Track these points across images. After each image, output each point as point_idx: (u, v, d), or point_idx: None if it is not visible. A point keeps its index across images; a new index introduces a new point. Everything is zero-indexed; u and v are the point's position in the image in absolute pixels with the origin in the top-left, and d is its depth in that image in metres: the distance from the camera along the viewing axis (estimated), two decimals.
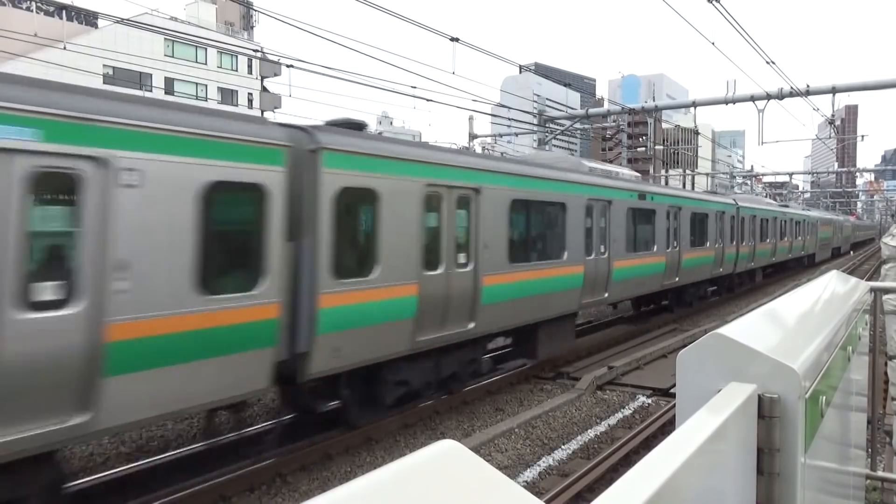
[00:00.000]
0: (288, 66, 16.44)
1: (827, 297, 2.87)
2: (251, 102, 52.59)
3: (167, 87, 45.26)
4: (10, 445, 4.91)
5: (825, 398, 1.79)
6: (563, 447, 8.80)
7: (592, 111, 24.76)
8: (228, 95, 50.64)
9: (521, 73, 23.64)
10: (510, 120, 28.33)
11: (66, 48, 24.63)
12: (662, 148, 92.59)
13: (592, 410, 10.52)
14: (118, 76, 40.72)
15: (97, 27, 44.06)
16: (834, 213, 66.82)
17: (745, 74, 20.10)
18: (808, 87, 19.81)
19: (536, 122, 27.30)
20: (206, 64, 49.98)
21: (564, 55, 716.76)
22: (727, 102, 21.12)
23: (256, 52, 34.67)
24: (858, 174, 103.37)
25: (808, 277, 25.28)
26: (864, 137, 41.58)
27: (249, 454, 7.79)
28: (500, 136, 32.29)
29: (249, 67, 53.12)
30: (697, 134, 47.15)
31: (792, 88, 19.46)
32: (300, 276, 7.32)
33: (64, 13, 36.39)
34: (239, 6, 51.09)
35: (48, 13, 39.07)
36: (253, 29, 59.16)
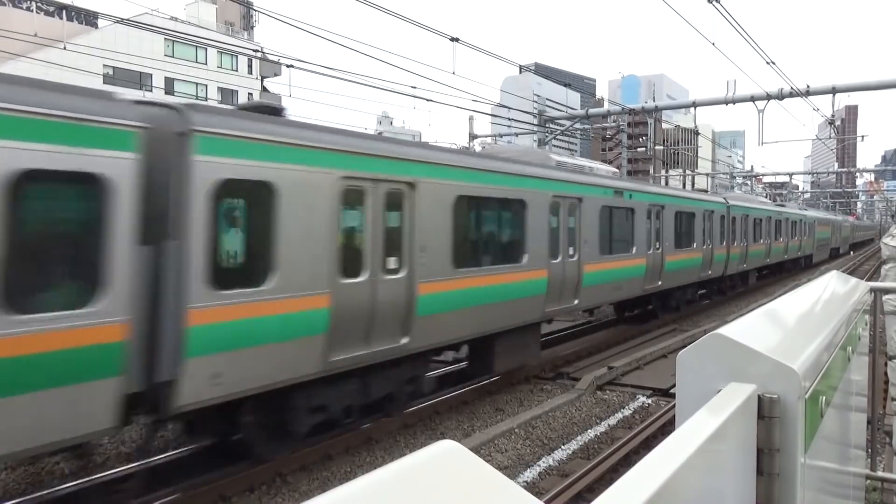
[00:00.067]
0: (288, 66, 16.46)
1: (827, 297, 2.87)
2: None
3: (167, 87, 45.33)
4: None
5: (825, 398, 1.79)
6: (563, 447, 8.80)
7: (592, 111, 24.78)
8: (228, 95, 50.69)
9: (521, 73, 23.65)
10: (510, 120, 28.37)
11: (66, 48, 24.65)
12: (662, 148, 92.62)
13: (592, 410, 10.52)
14: (118, 76, 40.76)
15: (97, 27, 44.12)
16: (832, 213, 66.54)
17: (745, 75, 20.12)
18: (808, 87, 19.83)
19: (536, 122, 27.31)
20: (206, 64, 50.05)
21: (564, 55, 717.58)
22: (727, 103, 21.15)
23: (256, 52, 34.69)
24: (858, 174, 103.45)
25: (807, 278, 25.23)
26: (864, 138, 41.72)
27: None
28: (500, 136, 32.30)
29: (249, 67, 53.21)
30: (697, 134, 47.18)
31: (792, 89, 19.48)
32: (163, 288, 6.03)
33: (64, 13, 36.40)
34: (239, 6, 51.12)
35: (48, 13, 39.09)
36: (253, 29, 59.21)
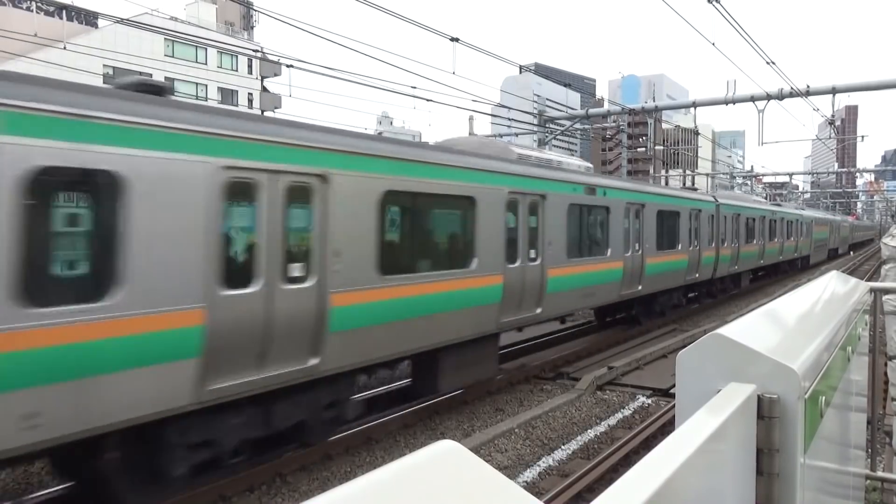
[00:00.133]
0: (288, 66, 16.47)
1: (827, 297, 2.88)
2: (251, 102, 52.69)
3: None
4: None
5: (825, 398, 1.79)
6: (562, 447, 8.80)
7: (592, 111, 24.77)
8: (228, 95, 50.72)
9: (521, 73, 23.65)
10: (510, 120, 28.38)
11: (66, 48, 24.66)
12: (662, 148, 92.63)
13: (592, 411, 10.52)
14: (118, 76, 40.72)
15: (97, 27, 44.15)
16: (831, 212, 65.64)
17: (745, 75, 20.11)
18: (808, 87, 19.82)
19: (536, 122, 27.31)
20: (206, 64, 50.08)
21: (564, 55, 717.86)
22: (727, 103, 21.14)
23: (256, 52, 34.71)
24: (858, 174, 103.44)
25: (806, 278, 25.19)
26: (864, 138, 41.70)
27: None
28: (500, 136, 32.31)
29: (249, 67, 53.23)
30: (697, 134, 47.20)
31: (792, 89, 19.48)
32: None
33: (64, 13, 36.39)
34: (239, 6, 51.12)
35: (48, 13, 39.08)
36: (253, 29, 59.24)
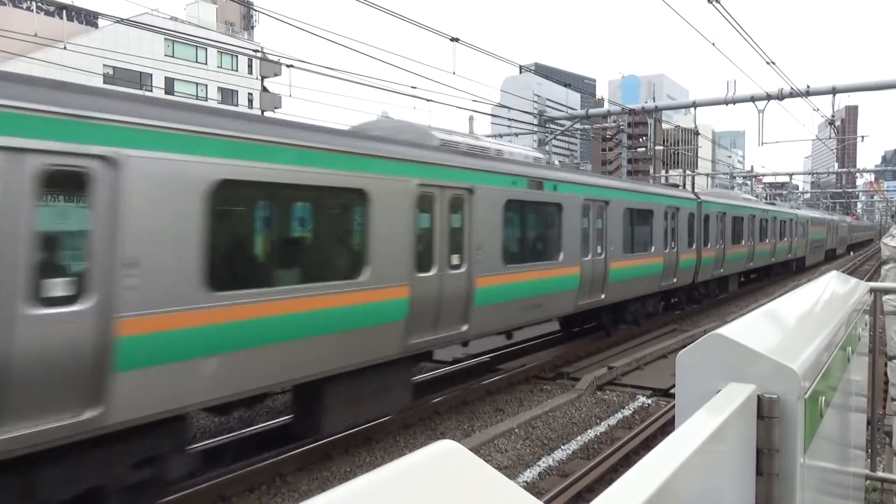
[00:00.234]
0: (288, 66, 16.47)
1: (827, 297, 2.88)
2: (251, 102, 52.69)
3: (167, 86, 45.32)
4: None
5: (825, 399, 1.79)
6: (562, 447, 8.80)
7: (592, 111, 24.78)
8: (228, 95, 50.72)
9: (521, 73, 23.65)
10: (510, 120, 28.40)
11: (66, 48, 24.64)
12: (662, 148, 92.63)
13: (592, 411, 10.52)
14: (118, 76, 40.76)
15: (97, 27, 44.14)
16: (828, 212, 64.11)
17: (745, 75, 20.13)
18: (808, 87, 19.83)
19: (536, 122, 27.30)
20: (206, 64, 50.07)
21: (564, 55, 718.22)
22: (727, 103, 21.15)
23: (256, 52, 34.72)
24: (858, 175, 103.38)
25: (806, 279, 25.15)
26: (864, 138, 41.74)
27: None
28: (500, 136, 32.32)
29: (249, 67, 53.22)
30: (697, 134, 47.22)
31: (792, 89, 19.48)
32: None
33: (64, 13, 36.37)
34: (239, 6, 51.12)
35: (48, 13, 39.07)
36: (253, 29, 59.21)
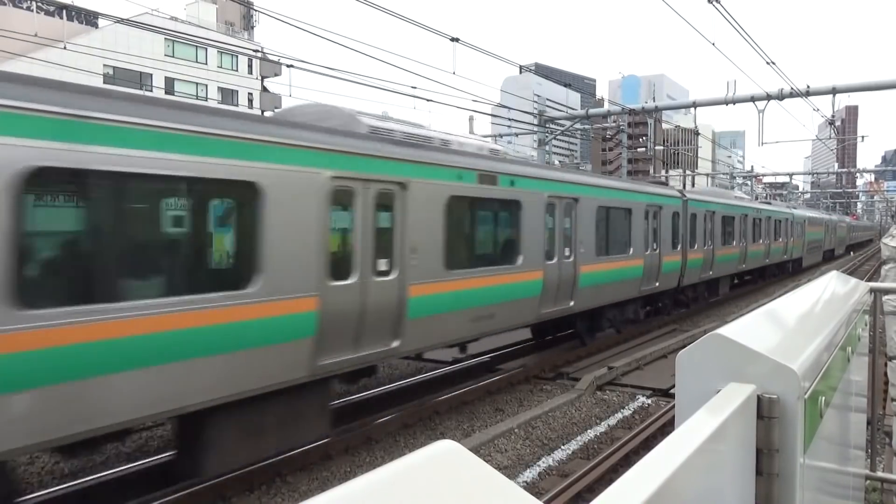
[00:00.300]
0: (288, 66, 16.46)
1: (827, 297, 2.88)
2: (251, 102, 52.70)
3: (167, 86, 45.34)
4: None
5: (825, 399, 1.79)
6: (562, 447, 8.80)
7: (592, 111, 24.77)
8: (228, 95, 50.71)
9: (521, 73, 23.64)
10: (510, 120, 28.39)
11: (66, 48, 24.65)
12: (662, 148, 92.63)
13: (592, 411, 10.52)
14: (118, 76, 40.78)
15: (97, 27, 44.15)
16: (827, 212, 63.18)
17: (745, 75, 20.14)
18: (808, 87, 19.82)
19: (536, 122, 27.30)
20: (206, 64, 50.08)
21: (564, 55, 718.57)
22: (727, 103, 21.13)
23: (256, 52, 34.72)
24: (859, 175, 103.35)
25: (806, 280, 25.11)
26: (864, 138, 41.73)
27: None
28: (500, 136, 32.31)
29: (250, 67, 53.23)
30: (698, 134, 47.22)
31: (792, 89, 19.48)
32: None
33: (64, 13, 36.38)
34: (239, 6, 51.11)
35: (48, 13, 39.07)
36: (253, 29, 59.22)
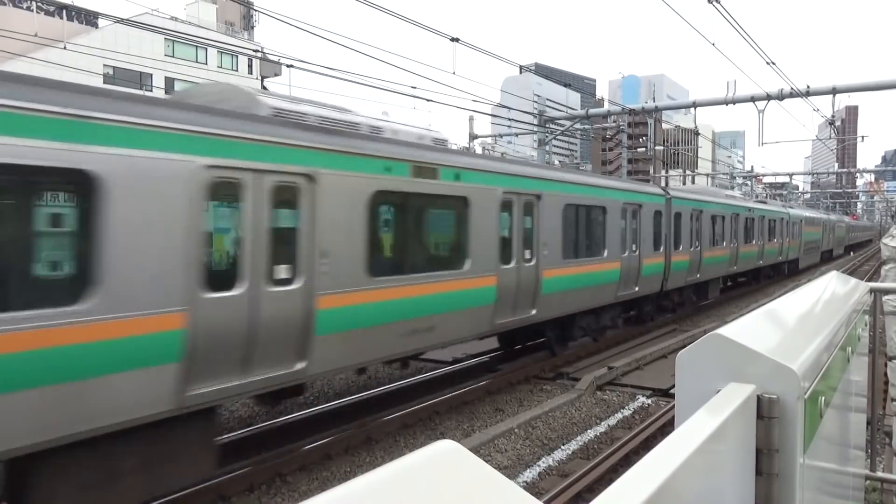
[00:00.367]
0: (288, 66, 16.47)
1: (827, 297, 2.87)
2: None
3: (167, 86, 45.31)
4: None
5: (824, 399, 1.79)
6: (562, 447, 8.79)
7: (592, 111, 24.76)
8: None
9: (521, 73, 23.64)
10: (510, 120, 28.37)
11: (66, 48, 24.65)
12: (662, 148, 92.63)
13: (592, 411, 10.52)
14: (118, 76, 40.77)
15: (97, 27, 44.14)
16: (825, 211, 62.27)
17: (745, 75, 20.14)
18: (808, 87, 19.81)
19: (536, 122, 27.30)
20: (206, 64, 50.03)
21: (564, 55, 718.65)
22: (727, 103, 21.12)
23: (257, 52, 34.70)
24: (859, 175, 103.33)
25: (805, 280, 25.06)
26: (864, 138, 41.68)
27: None
28: (500, 136, 32.30)
29: (250, 67, 53.20)
30: (698, 134, 47.23)
31: (792, 89, 19.47)
32: None
33: (64, 13, 36.38)
34: (239, 6, 51.11)
35: (48, 13, 39.07)
36: (253, 29, 59.21)
